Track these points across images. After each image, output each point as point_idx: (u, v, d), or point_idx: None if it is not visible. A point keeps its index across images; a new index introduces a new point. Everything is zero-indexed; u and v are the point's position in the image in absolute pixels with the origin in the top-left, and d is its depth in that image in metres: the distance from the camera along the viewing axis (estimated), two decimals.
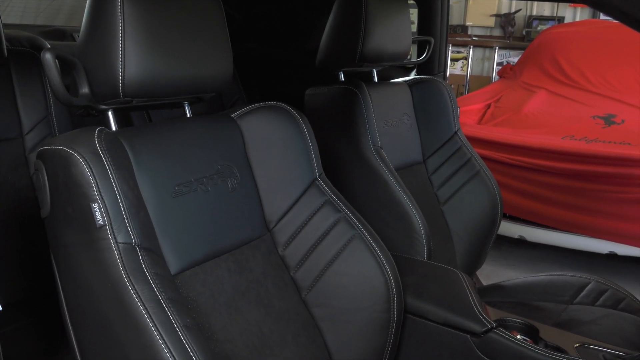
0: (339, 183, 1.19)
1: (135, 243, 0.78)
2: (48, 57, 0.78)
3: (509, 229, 2.78)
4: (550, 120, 3.02)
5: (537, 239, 2.75)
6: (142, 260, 0.77)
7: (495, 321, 1.11)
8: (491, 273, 2.65)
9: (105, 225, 0.76)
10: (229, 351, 0.89)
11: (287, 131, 1.05)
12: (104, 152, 0.78)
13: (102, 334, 0.78)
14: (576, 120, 2.98)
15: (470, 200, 1.63)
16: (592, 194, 2.49)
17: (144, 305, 0.74)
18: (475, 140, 2.48)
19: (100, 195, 0.76)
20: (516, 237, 2.80)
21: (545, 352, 1.03)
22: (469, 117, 3.22)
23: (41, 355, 1.18)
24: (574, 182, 2.52)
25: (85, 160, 0.76)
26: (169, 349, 0.72)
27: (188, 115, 1.01)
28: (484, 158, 1.83)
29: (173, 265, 0.88)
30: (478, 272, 1.93)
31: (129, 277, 0.75)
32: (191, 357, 0.73)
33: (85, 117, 0.90)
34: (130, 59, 0.80)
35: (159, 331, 0.73)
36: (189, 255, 0.91)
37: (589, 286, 1.46)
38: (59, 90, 0.80)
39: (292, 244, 1.07)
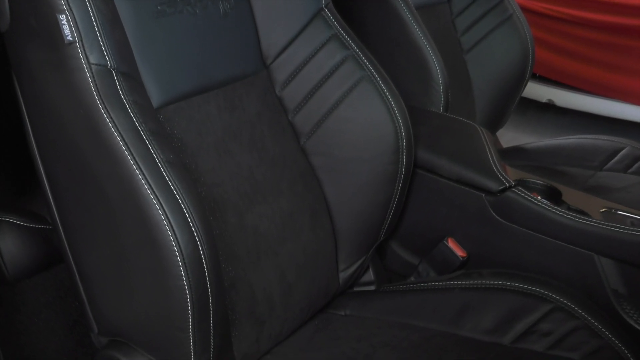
0: (349, 17, 1.13)
1: (110, 65, 0.75)
2: None
3: (536, 91, 2.74)
4: None
5: (567, 104, 2.72)
6: (119, 85, 0.75)
7: (514, 181, 1.12)
8: (512, 140, 2.64)
9: (75, 41, 0.73)
10: (217, 195, 0.90)
11: None
12: None
13: (74, 168, 0.78)
14: None
15: (498, 49, 1.59)
16: (635, 53, 2.42)
17: (121, 136, 0.73)
18: None
19: (69, 5, 0.72)
20: (544, 101, 2.77)
21: (567, 214, 1.05)
22: None
23: (9, 196, 1.20)
24: (616, 38, 2.45)
25: None
26: (150, 184, 0.72)
27: None
28: None
29: (155, 97, 0.86)
30: (498, 137, 1.93)
31: (103, 103, 0.73)
32: (174, 194, 0.73)
33: None
34: None
35: (138, 165, 0.72)
36: (174, 87, 0.88)
37: (623, 151, 1.46)
38: None
39: (291, 84, 1.04)
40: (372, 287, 1.18)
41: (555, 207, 1.07)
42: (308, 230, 1.03)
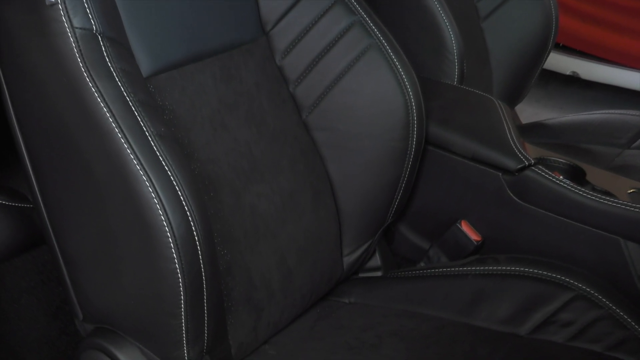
0: None
1: (96, 30, 0.75)
2: None
3: (559, 62, 2.73)
4: None
5: (593, 77, 2.71)
6: (105, 51, 0.75)
7: (534, 159, 1.12)
8: (533, 115, 2.65)
9: (57, 3, 0.73)
10: (211, 172, 0.90)
11: None
12: None
13: (57, 141, 0.78)
14: None
15: (518, 16, 1.58)
16: None
17: (108, 107, 0.73)
18: None
19: None
20: (568, 73, 2.75)
21: (591, 195, 1.05)
22: None
23: None
24: None
25: None
26: (139, 159, 0.72)
27: None
28: None
29: (145, 65, 0.86)
30: (517, 112, 1.92)
31: (88, 71, 0.73)
32: (165, 170, 0.73)
33: None
34: None
35: (126, 138, 0.73)
36: (165, 55, 0.88)
37: None
38: None
39: (292, 52, 1.04)
40: (379, 273, 1.19)
41: (579, 188, 1.07)
42: (310, 211, 1.04)
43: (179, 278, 0.75)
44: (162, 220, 0.73)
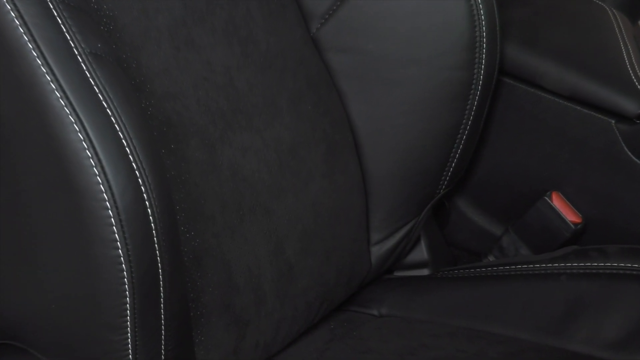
0: None
1: None
2: None
3: None
4: None
5: None
6: None
7: None
8: None
9: None
10: (172, 113, 0.90)
11: None
12: None
13: None
14: None
15: None
16: None
17: (17, 11, 0.73)
18: None
19: None
20: None
21: None
22: None
23: None
24: None
25: None
26: (63, 90, 0.72)
27: None
28: None
29: None
30: None
31: None
32: (103, 108, 0.73)
33: None
34: None
35: (43, 57, 0.72)
36: None
37: None
38: None
39: None
40: (426, 272, 1.20)
41: None
42: (321, 176, 1.05)
43: (122, 271, 0.75)
44: (98, 184, 0.73)
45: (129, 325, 0.78)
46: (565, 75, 1.15)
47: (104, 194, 0.73)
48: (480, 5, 1.03)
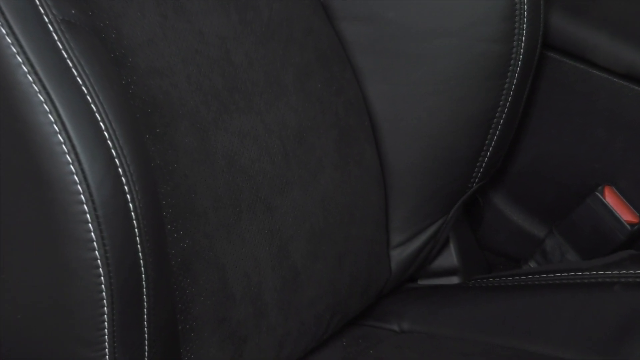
0: None
1: None
2: None
3: None
4: None
5: None
6: None
7: None
8: None
9: None
10: (157, 92, 0.91)
11: None
12: None
13: None
14: None
15: None
16: None
17: None
18: None
19: None
20: None
21: None
22: None
23: None
24: None
25: None
26: (32, 65, 0.72)
27: None
28: None
29: None
30: None
31: None
32: (78, 85, 0.73)
33: None
34: None
35: (9, 26, 0.72)
36: None
37: None
38: None
39: None
40: (455, 280, 1.21)
41: None
42: (332, 167, 1.04)
43: (99, 277, 0.75)
44: (71, 174, 0.73)
45: (107, 340, 0.78)
46: (621, 49, 1.14)
47: (78, 186, 0.73)
48: None
